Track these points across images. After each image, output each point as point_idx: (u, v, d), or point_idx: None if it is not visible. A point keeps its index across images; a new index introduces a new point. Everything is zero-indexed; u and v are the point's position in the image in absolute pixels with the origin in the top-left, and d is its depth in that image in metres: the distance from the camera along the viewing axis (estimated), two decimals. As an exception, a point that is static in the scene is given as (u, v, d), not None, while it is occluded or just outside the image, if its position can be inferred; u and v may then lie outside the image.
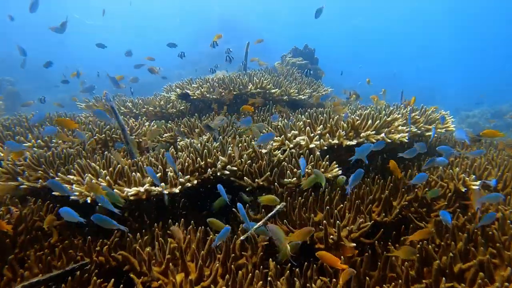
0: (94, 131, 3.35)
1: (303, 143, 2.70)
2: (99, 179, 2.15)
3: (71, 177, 2.23)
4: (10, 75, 15.11)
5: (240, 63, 11.07)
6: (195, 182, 2.29)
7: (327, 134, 2.85)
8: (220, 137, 2.81)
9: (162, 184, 2.15)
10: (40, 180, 2.49)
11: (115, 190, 2.05)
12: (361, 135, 2.71)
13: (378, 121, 2.81)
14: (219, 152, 2.59)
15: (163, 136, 3.47)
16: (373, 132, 2.75)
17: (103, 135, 3.33)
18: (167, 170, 2.34)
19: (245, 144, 2.67)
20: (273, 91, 4.20)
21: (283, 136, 2.82)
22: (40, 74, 16.24)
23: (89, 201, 2.02)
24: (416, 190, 2.37)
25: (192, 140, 2.99)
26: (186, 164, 2.34)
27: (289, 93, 4.32)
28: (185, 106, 4.34)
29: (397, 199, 2.30)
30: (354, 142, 2.68)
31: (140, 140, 3.49)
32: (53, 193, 2.24)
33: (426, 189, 2.41)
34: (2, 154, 2.99)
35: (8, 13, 6.37)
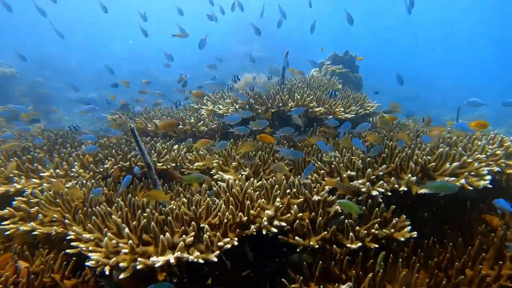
0: (117, 157, 2.99)
1: (363, 189, 2.22)
2: (120, 244, 1.75)
3: (87, 236, 1.85)
4: (42, 73, 15.31)
5: (271, 66, 10.57)
6: (236, 242, 1.86)
7: (390, 173, 2.36)
8: (263, 179, 2.37)
9: (197, 253, 1.72)
10: (54, 227, 2.13)
11: (138, 259, 1.65)
12: (438, 180, 2.20)
13: (457, 163, 2.29)
14: (263, 199, 2.15)
15: (194, 164, 3.07)
16: (452, 177, 2.23)
17: (128, 162, 2.97)
18: (201, 225, 1.93)
19: (293, 190, 2.22)
20: (316, 109, 3.72)
21: (338, 178, 2.35)
22: (69, 73, 16.42)
23: (107, 272, 1.64)
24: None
25: (229, 178, 2.57)
26: (226, 219, 1.91)
27: (334, 112, 3.82)
28: (217, 124, 3.93)
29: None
30: (427, 190, 2.17)
31: (168, 167, 3.11)
32: (67, 251, 1.88)
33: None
34: (19, 186, 2.68)
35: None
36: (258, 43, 18.25)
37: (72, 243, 1.83)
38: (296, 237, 1.94)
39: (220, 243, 1.78)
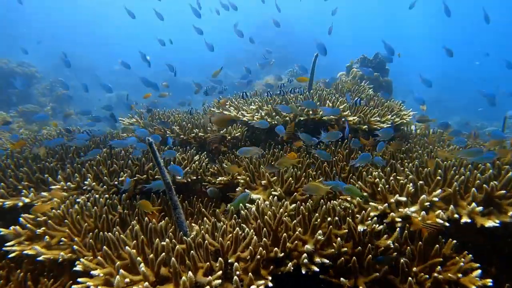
0: (133, 169, 2.74)
1: (417, 218, 1.89)
2: (134, 286, 1.48)
3: (96, 272, 1.58)
4: (61, 72, 15.40)
5: (291, 68, 10.20)
6: (270, 283, 1.56)
7: (446, 199, 2.02)
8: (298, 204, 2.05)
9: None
10: (62, 253, 1.88)
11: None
12: (510, 213, 1.85)
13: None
14: (299, 227, 1.85)
15: (218, 178, 2.78)
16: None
17: (144, 175, 2.72)
18: (229, 260, 1.64)
19: (335, 218, 1.90)
20: (350, 118, 3.39)
21: (386, 205, 2.02)
22: (88, 72, 16.48)
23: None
24: None
25: (258, 198, 2.27)
26: (258, 254, 1.61)
27: (368, 121, 3.48)
28: (241, 131, 3.64)
29: None
30: (496, 223, 1.82)
31: (189, 180, 2.84)
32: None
33: None
34: (27, 200, 2.45)
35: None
36: (276, 45, 17.93)
37: (79, 279, 1.57)
38: (342, 278, 1.63)
39: (252, 287, 1.48)
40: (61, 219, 2.13)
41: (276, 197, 2.24)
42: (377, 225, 1.89)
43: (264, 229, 1.78)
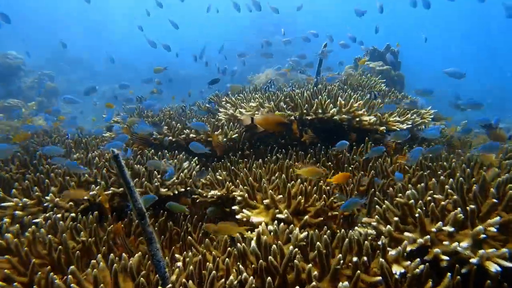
0: (109, 180, 2.26)
1: (474, 260, 1.42)
2: None
3: None
4: (57, 65, 14.86)
5: (288, 59, 9.60)
6: None
7: (508, 228, 1.55)
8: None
9: None
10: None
11: None
12: None
13: None
14: (315, 271, 1.38)
15: (210, 192, 2.31)
16: None
17: (121, 189, 2.24)
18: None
19: (363, 258, 1.43)
20: (365, 118, 2.91)
21: (427, 237, 1.54)
22: (81, 64, 15.96)
23: None
24: None
25: (259, 222, 1.80)
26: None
27: (387, 121, 3.01)
28: (238, 132, 3.16)
29: None
30: None
31: (176, 193, 2.37)
32: None
33: None
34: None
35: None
36: (278, 35, 17.32)
37: None
38: None
39: None
40: (5, 250, 1.66)
41: (282, 223, 1.77)
42: (419, 265, 1.42)
43: (269, 269, 1.31)
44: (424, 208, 1.69)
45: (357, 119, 2.92)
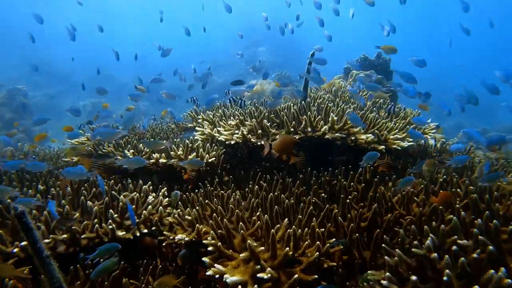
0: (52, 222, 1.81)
1: None
2: None
3: None
4: (33, 79, 14.25)
5: (279, 72, 9.15)
6: None
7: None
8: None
9: None
10: None
11: None
12: None
13: None
14: None
15: (177, 236, 1.87)
16: None
17: (68, 233, 1.79)
18: None
19: None
20: (362, 137, 2.52)
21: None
22: (64, 78, 15.41)
23: None
24: None
25: (234, 282, 1.37)
26: None
27: (385, 139, 2.63)
28: (216, 154, 2.73)
29: None
30: None
31: (138, 234, 1.93)
32: None
33: None
34: None
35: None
36: (263, 47, 17.04)
37: None
38: None
39: None
40: None
41: (264, 281, 1.35)
42: None
43: None
44: (449, 261, 1.29)
45: (352, 137, 2.54)
